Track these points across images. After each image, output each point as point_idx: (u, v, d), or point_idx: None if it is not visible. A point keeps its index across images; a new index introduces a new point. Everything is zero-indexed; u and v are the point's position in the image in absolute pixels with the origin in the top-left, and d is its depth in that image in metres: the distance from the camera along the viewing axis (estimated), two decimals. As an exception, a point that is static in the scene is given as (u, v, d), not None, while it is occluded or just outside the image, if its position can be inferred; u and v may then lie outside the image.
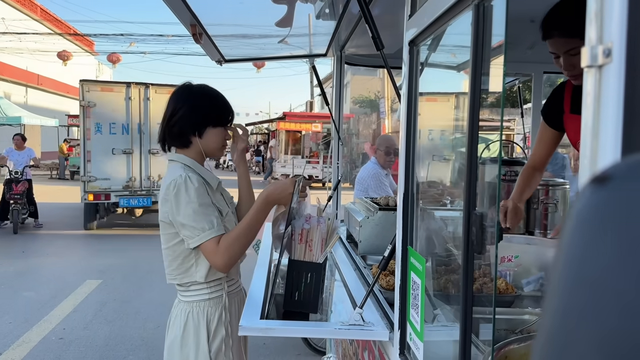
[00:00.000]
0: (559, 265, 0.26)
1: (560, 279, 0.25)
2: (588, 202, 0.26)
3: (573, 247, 0.25)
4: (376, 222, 2.47)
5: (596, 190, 0.25)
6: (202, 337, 1.81)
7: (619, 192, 0.25)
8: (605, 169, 0.26)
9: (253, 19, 2.82)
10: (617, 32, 0.49)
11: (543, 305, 0.27)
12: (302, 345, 4.17)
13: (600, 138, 0.51)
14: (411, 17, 1.34)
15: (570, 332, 0.24)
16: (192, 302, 1.85)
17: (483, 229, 0.89)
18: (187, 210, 1.74)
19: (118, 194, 9.19)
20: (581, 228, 0.25)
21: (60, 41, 26.55)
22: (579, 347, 0.23)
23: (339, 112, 3.43)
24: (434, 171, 1.62)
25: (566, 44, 1.72)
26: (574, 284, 0.25)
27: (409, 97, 1.36)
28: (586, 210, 0.25)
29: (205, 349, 1.81)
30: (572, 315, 0.24)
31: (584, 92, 0.53)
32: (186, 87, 1.97)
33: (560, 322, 0.25)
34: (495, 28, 0.91)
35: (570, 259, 0.25)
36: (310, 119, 20.50)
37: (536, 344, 0.26)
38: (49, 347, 4.23)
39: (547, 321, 0.26)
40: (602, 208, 0.25)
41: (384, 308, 1.71)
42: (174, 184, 1.77)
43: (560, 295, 0.25)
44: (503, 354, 1.10)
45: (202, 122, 1.90)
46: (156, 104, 9.23)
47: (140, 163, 9.38)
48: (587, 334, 0.23)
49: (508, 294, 1.74)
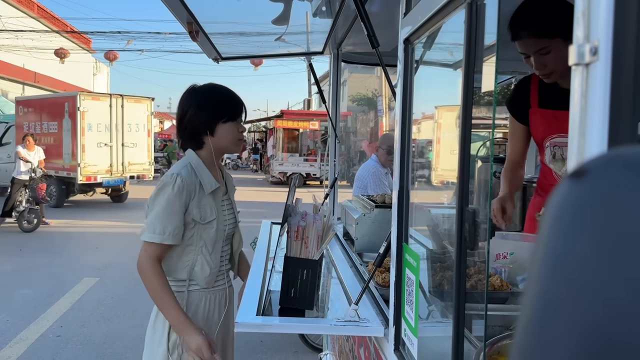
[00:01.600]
0: (537, 258, 0.27)
1: (538, 272, 0.26)
2: (565, 195, 0.26)
3: (550, 240, 0.26)
4: (372, 220, 2.48)
5: (573, 184, 0.26)
6: (166, 325, 1.85)
7: (595, 186, 0.26)
8: (583, 163, 0.27)
9: (250, 16, 2.82)
10: (604, 31, 0.50)
11: (522, 296, 0.28)
12: (299, 342, 4.18)
13: (587, 135, 0.52)
14: (406, 15, 1.35)
15: (547, 322, 0.25)
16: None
17: (476, 225, 0.90)
18: (155, 207, 1.82)
19: (102, 176, 12.21)
20: (558, 221, 0.26)
21: (57, 39, 26.46)
22: (556, 335, 0.24)
23: (335, 110, 3.43)
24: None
25: (535, 44, 1.72)
26: (551, 277, 0.25)
27: (404, 94, 1.37)
28: (563, 204, 0.26)
29: (165, 338, 1.85)
30: (549, 307, 0.25)
31: (571, 90, 0.54)
32: (191, 89, 1.99)
33: (537, 312, 0.26)
34: (487, 26, 0.92)
35: (548, 252, 0.26)
36: (308, 117, 20.49)
37: (515, 334, 0.27)
38: (46, 344, 4.24)
39: (525, 312, 0.27)
40: (578, 201, 0.26)
41: (380, 304, 1.72)
42: (164, 178, 1.85)
43: (538, 287, 0.26)
44: (496, 349, 1.11)
45: (210, 119, 1.91)
46: (128, 110, 12.76)
47: (117, 153, 12.52)
48: (564, 323, 0.24)
49: (503, 290, 1.75)
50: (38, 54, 24.19)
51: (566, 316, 0.24)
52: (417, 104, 1.39)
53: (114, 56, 23.74)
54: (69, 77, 29.42)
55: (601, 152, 0.46)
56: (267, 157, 23.27)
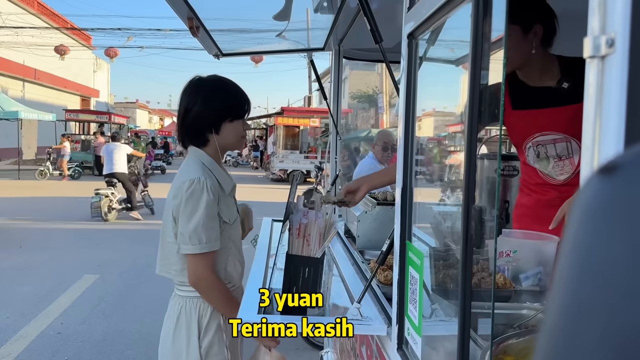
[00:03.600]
0: (565, 258, 0.25)
1: (566, 273, 0.25)
2: (595, 193, 0.25)
3: (580, 240, 0.24)
4: (374, 217, 2.46)
5: (603, 181, 0.24)
6: (193, 332, 1.80)
7: (627, 182, 0.24)
8: (613, 159, 0.25)
9: (251, 12, 2.80)
10: (620, 22, 0.48)
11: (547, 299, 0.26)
12: (300, 340, 4.17)
13: (602, 130, 0.50)
14: (410, 10, 1.33)
15: (577, 327, 0.23)
16: (187, 297, 1.84)
17: (482, 223, 0.88)
18: (194, 217, 1.73)
19: None
20: (588, 220, 0.24)
21: (58, 35, 26.43)
22: (587, 342, 0.22)
23: (337, 106, 3.41)
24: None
25: None
26: (581, 279, 0.24)
27: (407, 90, 1.35)
28: (593, 202, 0.24)
29: (195, 344, 1.79)
30: (578, 310, 0.23)
31: (586, 84, 0.52)
32: (197, 82, 1.88)
33: (566, 317, 0.24)
34: (495, 20, 0.90)
35: (577, 253, 0.24)
36: (309, 114, 20.45)
37: (540, 339, 0.25)
38: (46, 341, 4.23)
39: (552, 316, 0.25)
40: (610, 198, 0.24)
41: (382, 303, 1.71)
42: (189, 184, 1.74)
43: (567, 289, 0.24)
44: (502, 349, 1.09)
45: (217, 119, 1.84)
46: None
47: None
48: (596, 329, 0.22)
49: (506, 288, 1.73)
50: (38, 50, 24.16)
51: (598, 322, 0.22)
52: (421, 100, 1.37)
53: (114, 53, 23.71)
54: (70, 74, 29.40)
55: (630, 147, 0.44)
56: (268, 155, 23.25)
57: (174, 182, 1.83)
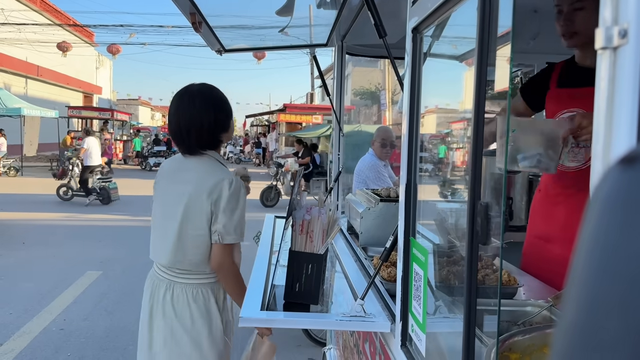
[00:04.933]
0: (583, 252, 0.24)
1: (585, 267, 0.24)
2: (615, 183, 0.24)
3: (600, 233, 0.23)
4: (377, 214, 2.45)
5: (625, 171, 0.23)
6: (214, 311, 1.99)
7: None
8: (634, 149, 0.24)
9: (253, 8, 2.79)
10: (634, 12, 0.47)
11: (565, 296, 0.25)
12: (302, 336, 4.17)
13: (615, 122, 0.49)
14: (415, 4, 1.31)
15: (598, 325, 0.22)
16: (199, 284, 2.00)
17: (488, 219, 0.87)
18: (237, 210, 1.94)
19: None
20: (608, 212, 0.23)
21: (60, 32, 26.43)
22: (608, 342, 0.22)
23: (340, 102, 3.40)
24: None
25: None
26: (602, 274, 0.23)
27: (411, 86, 1.34)
28: (614, 193, 0.23)
29: (218, 322, 1.99)
30: (598, 307, 0.22)
31: (597, 75, 0.51)
32: (207, 97, 2.02)
33: (584, 313, 0.23)
34: (502, 13, 0.88)
35: (597, 246, 0.23)
36: (311, 111, 20.43)
37: (557, 334, 0.24)
38: (49, 337, 4.24)
39: (569, 311, 0.24)
40: (632, 190, 0.23)
41: (385, 299, 1.70)
42: (229, 182, 1.92)
43: (586, 284, 0.23)
44: (507, 346, 1.08)
45: (228, 117, 2.07)
46: None
47: None
48: (616, 328, 0.21)
49: (510, 285, 1.72)
50: (41, 47, 24.17)
51: (618, 318, 0.21)
52: (425, 97, 1.36)
53: (116, 50, 23.72)
54: (72, 71, 29.42)
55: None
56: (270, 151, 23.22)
57: (202, 181, 1.94)
